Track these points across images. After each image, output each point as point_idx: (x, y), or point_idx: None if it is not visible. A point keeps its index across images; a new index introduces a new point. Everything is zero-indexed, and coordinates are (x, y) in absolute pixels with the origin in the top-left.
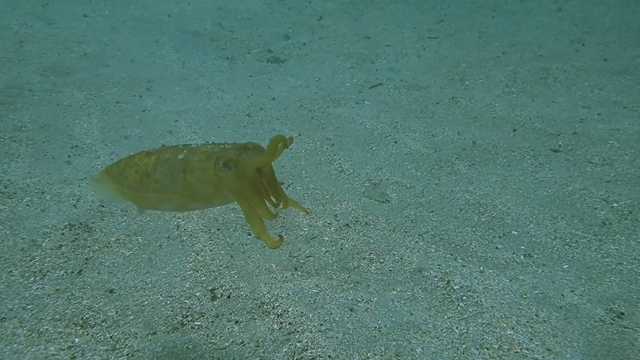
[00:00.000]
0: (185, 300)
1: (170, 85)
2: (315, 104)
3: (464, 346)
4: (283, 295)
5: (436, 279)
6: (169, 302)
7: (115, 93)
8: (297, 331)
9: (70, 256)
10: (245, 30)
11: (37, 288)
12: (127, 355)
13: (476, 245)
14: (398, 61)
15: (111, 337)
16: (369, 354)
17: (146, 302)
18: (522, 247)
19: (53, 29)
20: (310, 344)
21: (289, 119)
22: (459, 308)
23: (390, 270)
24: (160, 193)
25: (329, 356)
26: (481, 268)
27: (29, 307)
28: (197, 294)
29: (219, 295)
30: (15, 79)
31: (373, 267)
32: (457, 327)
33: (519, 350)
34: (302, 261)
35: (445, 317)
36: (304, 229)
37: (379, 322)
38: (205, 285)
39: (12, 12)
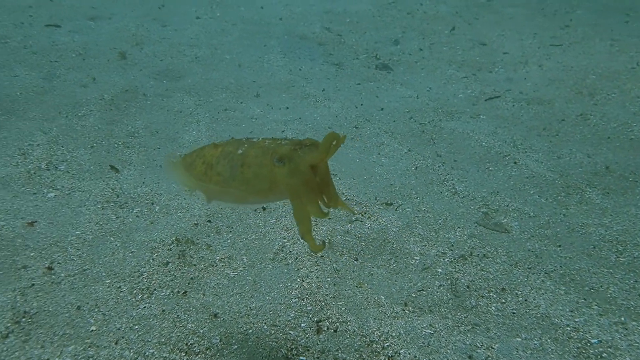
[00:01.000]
0: (290, 331)
1: (277, 92)
2: (426, 117)
3: None
4: (394, 334)
5: (568, 328)
6: (273, 332)
7: (223, 99)
8: None
9: (177, 274)
10: (353, 34)
11: (145, 307)
12: None
13: (615, 290)
14: (517, 71)
15: None
16: None
17: (250, 331)
18: None
19: (167, 31)
20: None
21: (398, 132)
22: None
23: (514, 313)
24: (220, 185)
25: None
26: (623, 319)
27: (136, 327)
28: (303, 325)
29: (325, 329)
30: (131, 82)
31: (493, 308)
32: None
33: None
34: (413, 295)
35: None
36: (415, 258)
37: None
38: (311, 315)
39: (131, 14)
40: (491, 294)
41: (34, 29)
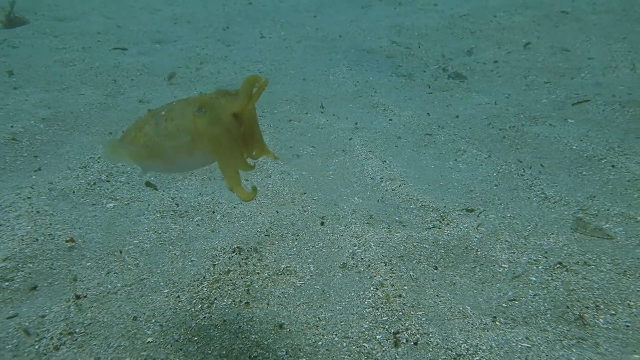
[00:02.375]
0: (364, 344)
1: (344, 102)
2: (506, 122)
3: None
4: (484, 347)
5: None
6: (345, 344)
7: (287, 111)
8: None
9: (239, 283)
10: (423, 46)
11: (204, 318)
12: None
13: None
14: (606, 75)
15: None
16: None
17: (320, 343)
18: None
19: (231, 50)
20: None
21: (476, 138)
22: None
23: (627, 326)
24: (147, 146)
25: None
26: None
27: (195, 338)
28: (378, 337)
29: (404, 341)
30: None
31: (602, 320)
32: None
33: None
34: (504, 305)
35: None
36: (503, 266)
37: None
38: (387, 326)
39: (196, 36)
40: (599, 305)
41: (101, 52)
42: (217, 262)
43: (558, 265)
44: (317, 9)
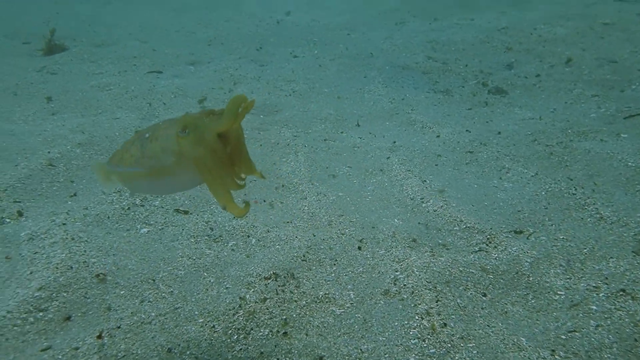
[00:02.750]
0: None
1: (380, 120)
2: (553, 138)
3: None
4: None
5: None
6: None
7: (322, 130)
8: None
9: (276, 312)
10: (460, 61)
11: (241, 349)
12: None
13: None
14: None
15: None
16: None
17: None
18: None
19: (264, 70)
20: None
21: (521, 155)
22: None
23: None
24: (132, 166)
25: None
26: None
27: None
28: None
29: None
30: None
31: None
32: None
33: None
34: (563, 337)
35: None
36: (559, 293)
37: None
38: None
39: (229, 58)
40: None
41: (137, 76)
42: (252, 290)
43: (621, 293)
44: (351, 27)
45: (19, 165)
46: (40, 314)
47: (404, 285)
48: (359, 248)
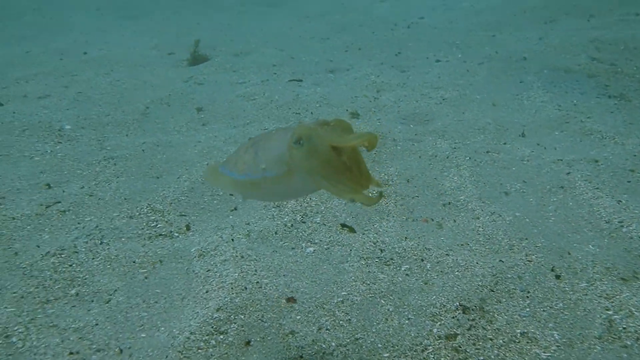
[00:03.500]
0: None
1: (548, 130)
2: None
3: None
4: None
5: None
6: None
7: (482, 141)
8: None
9: (470, 351)
10: (632, 62)
11: None
12: None
13: None
14: None
15: None
16: None
17: None
18: None
19: (407, 77)
20: None
21: None
22: None
23: None
24: (245, 175)
25: None
26: None
27: None
28: None
29: None
30: (378, 127)
31: None
32: None
33: None
34: None
35: None
36: None
37: None
38: None
39: (368, 63)
40: None
41: (279, 85)
42: (439, 323)
43: None
44: (495, 27)
45: (180, 178)
46: (221, 336)
47: (624, 328)
48: (557, 277)
